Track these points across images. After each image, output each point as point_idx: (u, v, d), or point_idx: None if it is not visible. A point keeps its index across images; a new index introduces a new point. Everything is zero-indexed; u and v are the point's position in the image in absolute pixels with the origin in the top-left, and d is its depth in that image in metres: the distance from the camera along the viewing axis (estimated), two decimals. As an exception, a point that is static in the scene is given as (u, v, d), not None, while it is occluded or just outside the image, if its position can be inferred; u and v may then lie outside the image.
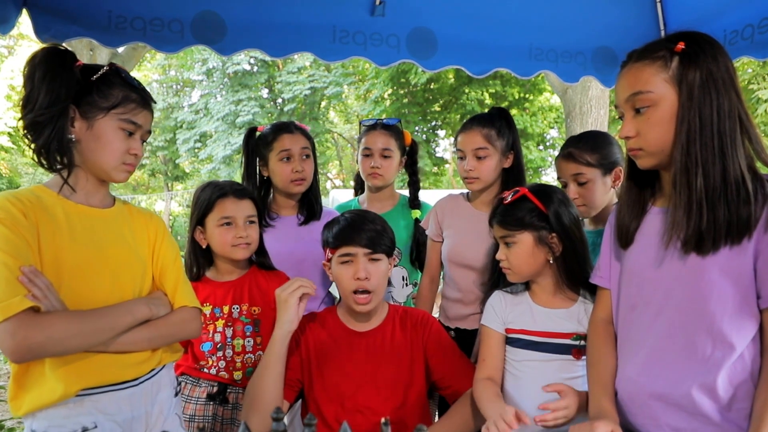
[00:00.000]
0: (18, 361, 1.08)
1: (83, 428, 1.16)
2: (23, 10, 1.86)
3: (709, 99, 1.03)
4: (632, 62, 1.12)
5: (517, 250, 1.39)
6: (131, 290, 1.26)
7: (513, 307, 1.45)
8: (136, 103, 1.25)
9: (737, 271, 1.03)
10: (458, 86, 12.66)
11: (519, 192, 1.42)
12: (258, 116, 15.65)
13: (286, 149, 1.93)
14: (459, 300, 1.88)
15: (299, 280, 1.40)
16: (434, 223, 1.96)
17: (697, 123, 1.03)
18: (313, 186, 2.02)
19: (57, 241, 1.15)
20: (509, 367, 1.44)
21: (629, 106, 1.12)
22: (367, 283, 1.42)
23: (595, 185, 1.69)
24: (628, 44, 2.38)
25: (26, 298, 1.04)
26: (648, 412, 1.13)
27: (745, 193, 1.01)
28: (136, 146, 1.26)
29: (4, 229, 1.08)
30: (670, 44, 1.08)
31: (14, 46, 16.08)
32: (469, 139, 1.81)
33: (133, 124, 1.24)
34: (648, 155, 1.13)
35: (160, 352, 1.30)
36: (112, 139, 1.22)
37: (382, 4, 2.17)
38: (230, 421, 1.61)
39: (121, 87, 1.23)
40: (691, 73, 1.04)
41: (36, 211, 1.14)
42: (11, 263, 1.06)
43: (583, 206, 1.71)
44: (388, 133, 2.11)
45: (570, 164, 1.72)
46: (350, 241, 1.43)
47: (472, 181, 1.83)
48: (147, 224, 1.36)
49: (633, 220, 1.20)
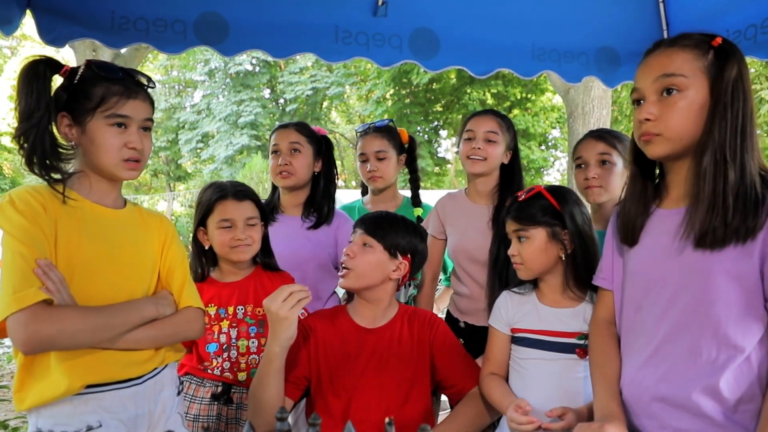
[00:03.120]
0: (28, 353, 1.10)
1: (88, 426, 1.17)
2: (27, 11, 1.87)
3: (738, 99, 1.05)
4: (664, 47, 1.12)
5: (530, 245, 1.40)
6: (139, 290, 1.28)
7: (519, 306, 1.47)
8: (119, 95, 1.20)
9: (743, 274, 1.03)
10: (460, 86, 12.67)
11: (534, 189, 1.44)
12: (260, 116, 15.68)
13: (275, 143, 1.99)
14: (467, 294, 1.91)
15: (289, 290, 1.30)
16: (436, 221, 1.99)
17: (728, 120, 1.04)
18: (324, 187, 2.03)
19: (72, 237, 1.17)
20: (515, 365, 1.45)
21: (655, 89, 1.10)
22: (348, 261, 1.46)
23: (616, 170, 1.76)
24: (630, 44, 2.43)
25: (41, 291, 1.06)
26: (651, 414, 1.13)
27: (754, 194, 1.02)
28: (133, 139, 1.22)
29: (23, 221, 1.10)
30: (706, 38, 1.09)
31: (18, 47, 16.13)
32: (483, 122, 1.87)
33: (120, 117, 1.20)
34: (664, 141, 1.10)
35: (163, 350, 1.31)
36: (104, 139, 1.20)
37: (384, 4, 2.17)
38: (235, 421, 1.61)
39: (101, 82, 1.20)
40: (728, 70, 1.05)
41: (55, 206, 1.16)
42: (28, 254, 1.08)
43: (599, 188, 1.76)
44: (380, 135, 2.13)
45: (599, 143, 1.78)
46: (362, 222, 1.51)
47: (477, 162, 1.85)
48: (158, 227, 1.37)
49: (639, 216, 1.20)
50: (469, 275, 1.89)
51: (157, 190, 20.79)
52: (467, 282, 1.90)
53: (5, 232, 1.10)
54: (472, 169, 1.88)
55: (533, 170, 13.26)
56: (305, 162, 1.97)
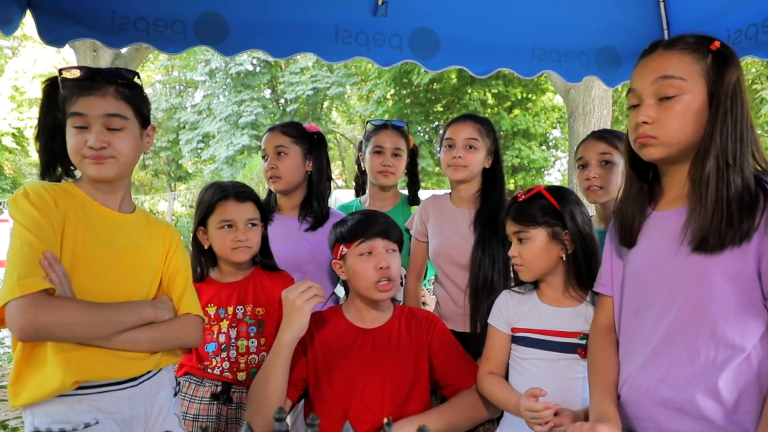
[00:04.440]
0: (24, 340, 1.11)
1: (85, 424, 1.17)
2: (27, 11, 1.87)
3: (737, 103, 1.05)
4: (662, 49, 1.11)
5: (531, 245, 1.40)
6: (138, 293, 1.29)
7: (520, 306, 1.46)
8: (75, 94, 1.19)
9: (738, 273, 1.03)
10: (461, 86, 12.66)
11: (534, 189, 1.43)
12: (261, 116, 15.70)
13: (264, 149, 1.99)
14: (447, 297, 1.89)
15: (309, 284, 1.37)
16: (419, 223, 1.98)
17: (728, 125, 1.04)
18: (318, 187, 2.02)
19: (78, 235, 1.19)
20: (515, 365, 1.45)
21: (652, 91, 1.09)
22: (389, 272, 1.44)
23: (617, 169, 1.76)
24: (631, 44, 2.43)
25: (44, 280, 1.08)
26: (650, 417, 1.13)
27: (749, 198, 1.03)
28: (90, 138, 1.18)
29: (35, 212, 1.13)
30: (705, 41, 1.08)
31: (18, 47, 16.15)
32: (462, 129, 1.86)
33: (76, 115, 1.19)
34: (661, 145, 1.10)
35: (159, 354, 1.31)
36: (69, 141, 1.22)
37: (384, 4, 2.17)
38: (234, 421, 1.61)
39: (66, 86, 1.22)
40: (728, 74, 1.05)
41: (66, 202, 1.19)
42: (36, 245, 1.10)
43: (600, 189, 1.77)
44: (398, 133, 2.16)
45: (601, 143, 1.79)
46: (369, 233, 1.46)
47: (459, 169, 1.84)
48: (163, 233, 1.39)
49: (636, 217, 1.19)
50: (450, 279, 1.87)
51: (157, 190, 20.81)
52: (448, 286, 1.88)
53: (16, 221, 1.13)
54: (454, 177, 1.88)
55: (534, 170, 13.24)
56: (292, 164, 1.96)
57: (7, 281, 1.07)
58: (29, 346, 1.16)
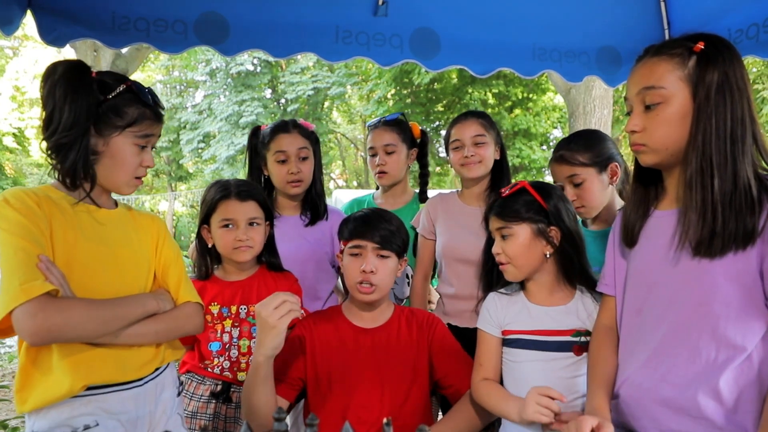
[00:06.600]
0: (36, 343, 1.10)
1: (85, 426, 1.17)
2: (27, 11, 1.87)
3: (723, 103, 1.03)
4: (648, 57, 1.11)
5: (514, 241, 1.37)
6: (136, 288, 1.29)
7: (509, 307, 1.42)
8: (150, 120, 1.28)
9: (741, 274, 1.03)
10: (461, 86, 12.65)
11: (518, 185, 1.41)
12: (261, 117, 15.68)
13: (282, 150, 1.92)
14: (454, 295, 1.89)
15: (283, 297, 1.24)
16: (426, 221, 1.98)
17: (713, 126, 1.03)
18: (317, 185, 2.01)
19: (67, 236, 1.18)
20: (509, 369, 1.41)
21: (639, 100, 1.11)
22: (372, 277, 1.42)
23: (591, 185, 1.67)
24: (631, 44, 2.42)
25: (46, 283, 1.07)
26: (651, 416, 1.12)
27: (750, 199, 1.02)
28: (148, 158, 1.30)
29: (21, 218, 1.11)
30: (689, 43, 1.07)
31: (19, 47, 16.16)
32: (467, 128, 1.87)
33: (146, 137, 1.28)
34: (651, 152, 1.12)
35: (162, 349, 1.32)
36: (126, 156, 1.25)
37: (384, 4, 2.16)
38: (233, 420, 1.61)
39: (137, 105, 1.25)
40: (709, 75, 1.04)
41: (49, 205, 1.17)
42: (30, 249, 1.09)
43: (582, 208, 1.69)
44: (390, 128, 2.14)
45: (563, 167, 1.70)
46: (361, 235, 1.45)
47: (474, 165, 1.86)
48: (149, 225, 1.39)
49: (637, 219, 1.20)
50: (458, 275, 1.87)
51: (158, 190, 20.80)
52: (455, 282, 1.88)
53: (2, 230, 1.11)
54: (470, 175, 1.88)
55: (534, 170, 13.21)
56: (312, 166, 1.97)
57: (7, 289, 1.06)
58: (34, 351, 1.15)
